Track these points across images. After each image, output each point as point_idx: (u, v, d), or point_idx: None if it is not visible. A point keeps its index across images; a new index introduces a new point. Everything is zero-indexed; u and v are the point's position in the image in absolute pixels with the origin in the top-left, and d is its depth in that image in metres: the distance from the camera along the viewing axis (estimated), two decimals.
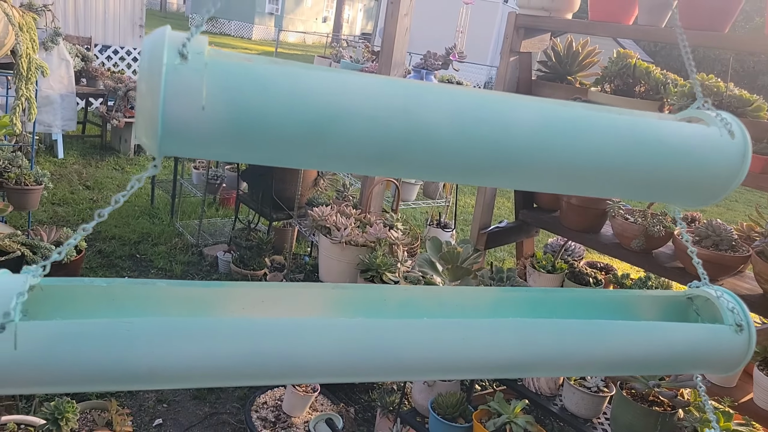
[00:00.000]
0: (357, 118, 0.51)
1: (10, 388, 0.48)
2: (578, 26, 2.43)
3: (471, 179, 0.57)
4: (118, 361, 0.49)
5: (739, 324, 0.75)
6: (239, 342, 0.52)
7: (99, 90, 6.85)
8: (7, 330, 0.46)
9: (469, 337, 0.60)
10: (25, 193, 3.22)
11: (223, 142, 0.49)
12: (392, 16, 3.05)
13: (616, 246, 2.51)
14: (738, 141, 0.66)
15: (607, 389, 2.16)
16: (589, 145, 0.58)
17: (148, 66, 0.46)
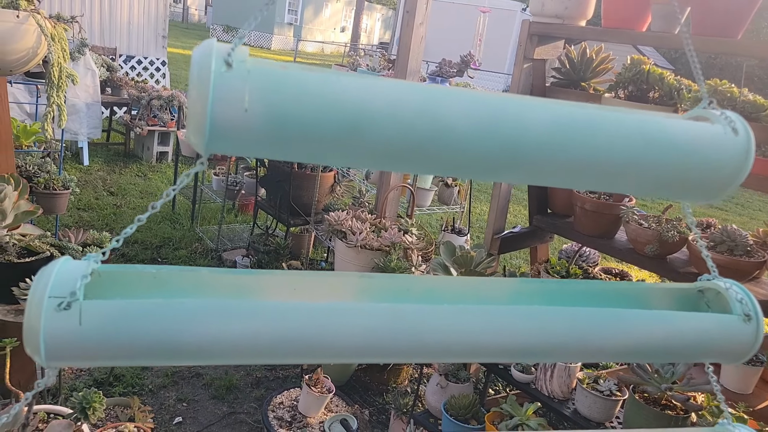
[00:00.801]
0: (383, 119, 0.56)
1: (76, 361, 0.54)
2: (592, 33, 2.47)
3: (489, 176, 0.62)
4: (169, 337, 0.54)
5: (747, 314, 0.79)
6: (276, 322, 0.58)
7: (123, 99, 7.02)
8: (72, 308, 0.52)
9: (487, 322, 0.64)
10: (53, 197, 3.33)
11: (263, 141, 0.55)
12: (408, 25, 3.12)
13: (630, 251, 2.53)
14: (741, 138, 0.70)
15: (619, 393, 2.18)
16: (599, 142, 0.63)
17: (198, 74, 0.52)
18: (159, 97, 6.86)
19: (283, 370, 3.55)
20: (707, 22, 1.95)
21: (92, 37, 7.84)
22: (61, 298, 0.51)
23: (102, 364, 0.54)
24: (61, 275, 0.53)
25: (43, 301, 0.51)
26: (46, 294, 0.51)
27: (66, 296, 0.52)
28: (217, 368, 3.46)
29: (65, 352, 0.52)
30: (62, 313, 0.51)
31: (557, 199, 2.96)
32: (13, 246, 2.42)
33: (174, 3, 34.88)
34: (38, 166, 3.42)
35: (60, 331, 0.51)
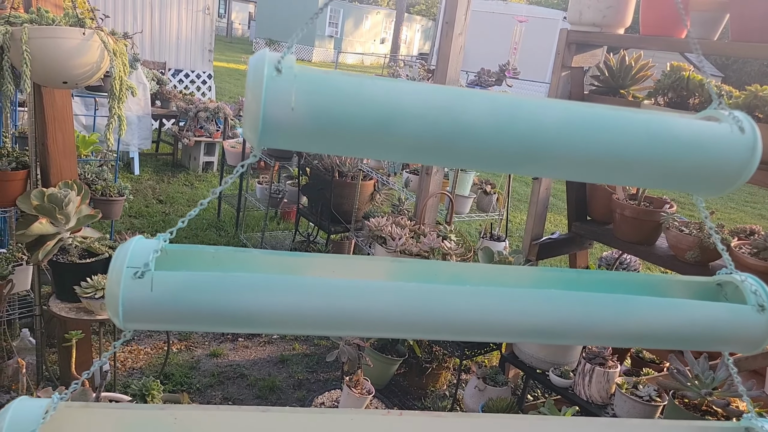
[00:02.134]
0: (411, 117, 0.63)
1: (147, 324, 0.63)
2: (630, 41, 2.48)
3: (507, 168, 0.68)
4: (224, 305, 0.63)
5: (761, 304, 0.82)
6: (315, 296, 0.65)
7: (171, 111, 7.32)
8: (145, 277, 0.61)
9: (506, 302, 0.70)
10: (110, 203, 3.52)
11: (307, 135, 0.63)
12: (447, 36, 3.18)
13: (671, 258, 2.52)
14: (748, 136, 0.74)
15: (659, 399, 2.16)
16: (608, 138, 0.68)
17: (253, 78, 0.61)
18: (206, 109, 7.12)
19: (324, 373, 3.64)
20: (745, 27, 1.95)
21: (143, 53, 8.21)
22: (137, 268, 0.60)
23: (168, 327, 0.63)
24: (136, 250, 0.62)
25: (122, 270, 0.60)
26: (125, 264, 0.60)
27: (141, 267, 0.60)
28: (260, 370, 3.57)
29: (139, 315, 0.61)
30: (137, 281, 0.60)
31: (596, 205, 2.96)
32: (75, 248, 2.59)
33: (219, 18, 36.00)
34: (96, 174, 3.63)
35: (135, 296, 0.60)
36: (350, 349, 2.87)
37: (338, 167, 4.40)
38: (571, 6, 2.55)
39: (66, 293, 2.53)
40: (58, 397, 0.62)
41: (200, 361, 3.57)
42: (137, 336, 3.73)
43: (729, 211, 9.45)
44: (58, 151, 2.65)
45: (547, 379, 2.50)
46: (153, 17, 8.52)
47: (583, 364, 2.37)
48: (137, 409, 0.74)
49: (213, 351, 3.69)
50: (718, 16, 2.10)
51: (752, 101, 1.96)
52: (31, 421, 0.59)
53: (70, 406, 0.64)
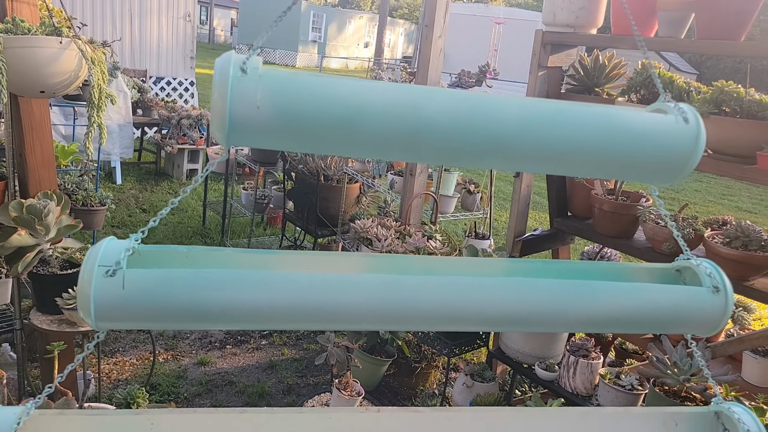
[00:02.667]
0: (376, 114, 0.66)
1: (120, 323, 0.64)
2: (602, 41, 2.53)
3: (468, 162, 0.70)
4: (197, 302, 0.64)
5: (716, 286, 0.85)
6: (288, 291, 0.67)
7: (154, 119, 7.29)
8: (117, 275, 0.62)
9: (474, 291, 0.73)
10: (91, 213, 3.51)
11: (273, 133, 0.65)
12: (427, 39, 3.22)
13: (648, 250, 2.57)
14: (692, 126, 0.78)
15: (641, 387, 2.20)
16: (564, 131, 0.71)
17: (219, 79, 0.63)
18: (188, 116, 7.10)
19: (313, 377, 3.64)
20: (711, 26, 2.00)
21: (123, 60, 8.17)
22: (108, 267, 0.62)
23: (141, 326, 0.64)
24: (108, 249, 0.64)
25: (93, 269, 0.62)
26: (96, 263, 0.62)
27: (112, 265, 0.62)
28: (249, 376, 3.57)
29: (111, 314, 0.63)
30: (108, 279, 0.62)
31: (576, 201, 3.01)
32: (56, 259, 2.58)
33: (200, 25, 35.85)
34: (76, 184, 3.61)
35: (107, 294, 0.62)
36: (339, 351, 2.89)
37: (323, 171, 4.42)
38: (545, 8, 2.60)
39: (47, 305, 2.51)
40: (31, 404, 0.64)
41: (187, 370, 3.56)
42: (122, 347, 3.71)
43: (707, 204, 9.61)
44: (37, 162, 2.64)
45: (533, 373, 2.53)
46: (133, 25, 8.48)
47: (567, 356, 2.41)
48: (113, 415, 0.75)
49: (200, 359, 3.68)
50: (685, 15, 2.16)
51: (719, 96, 2.01)
52: (4, 427, 0.60)
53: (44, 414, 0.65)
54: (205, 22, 38.09)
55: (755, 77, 10.58)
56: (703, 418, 0.97)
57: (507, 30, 12.18)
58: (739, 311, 2.87)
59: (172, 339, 3.85)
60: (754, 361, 2.32)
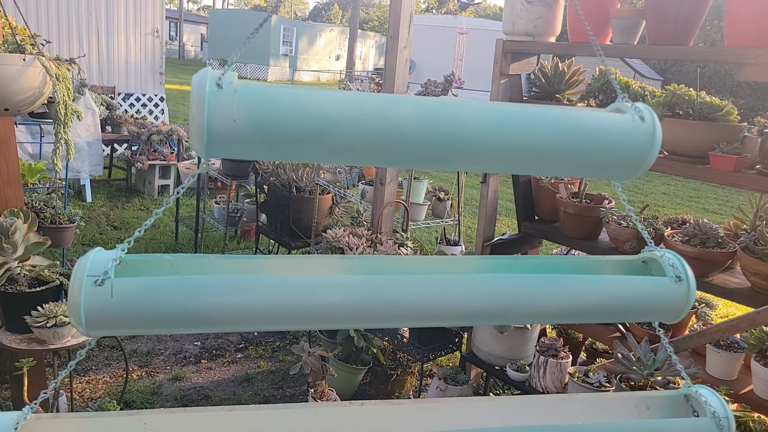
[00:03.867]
0: (344, 122, 0.70)
1: (109, 330, 0.67)
2: (559, 48, 2.63)
3: (434, 165, 0.75)
4: (183, 306, 0.68)
5: (678, 276, 0.91)
6: (270, 293, 0.70)
7: (123, 136, 7.22)
8: (105, 284, 0.65)
9: (445, 288, 0.77)
10: (60, 231, 3.46)
11: (249, 144, 0.69)
12: (392, 49, 3.28)
13: (612, 250, 2.65)
14: (648, 124, 0.83)
15: (608, 384, 2.27)
16: (524, 133, 0.76)
17: (197, 94, 0.67)
18: (159, 132, 7.05)
19: (290, 388, 3.64)
20: (661, 32, 2.10)
21: (91, 77, 8.08)
22: (97, 276, 0.65)
23: (130, 332, 0.67)
24: (96, 260, 0.67)
25: (83, 279, 0.65)
26: (85, 274, 0.65)
27: (100, 275, 0.65)
28: (225, 390, 3.55)
29: (101, 321, 0.66)
30: (97, 289, 0.65)
31: (543, 205, 3.09)
32: (24, 276, 2.55)
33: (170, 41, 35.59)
34: (44, 202, 3.56)
35: (96, 302, 0.65)
36: (313, 360, 2.90)
37: (295, 183, 4.44)
38: (504, 18, 2.68)
39: (16, 324, 2.47)
40: (28, 408, 0.66)
41: (162, 386, 3.52)
42: (95, 365, 3.66)
43: (674, 206, 9.86)
44: (2, 180, 2.62)
45: (505, 375, 2.58)
46: (100, 42, 8.41)
47: (537, 356, 2.46)
48: (107, 417, 0.77)
49: (175, 375, 3.64)
50: (636, 22, 2.26)
51: (672, 99, 2.11)
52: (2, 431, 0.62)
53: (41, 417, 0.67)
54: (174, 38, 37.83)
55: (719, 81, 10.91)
56: (673, 401, 1.03)
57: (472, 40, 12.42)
58: (701, 307, 2.97)
59: (146, 355, 3.81)
60: (717, 354, 2.41)
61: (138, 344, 3.92)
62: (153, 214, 0.75)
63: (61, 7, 7.94)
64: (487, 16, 38.01)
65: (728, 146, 2.01)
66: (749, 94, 19.24)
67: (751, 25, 1.86)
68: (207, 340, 4.09)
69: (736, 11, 1.92)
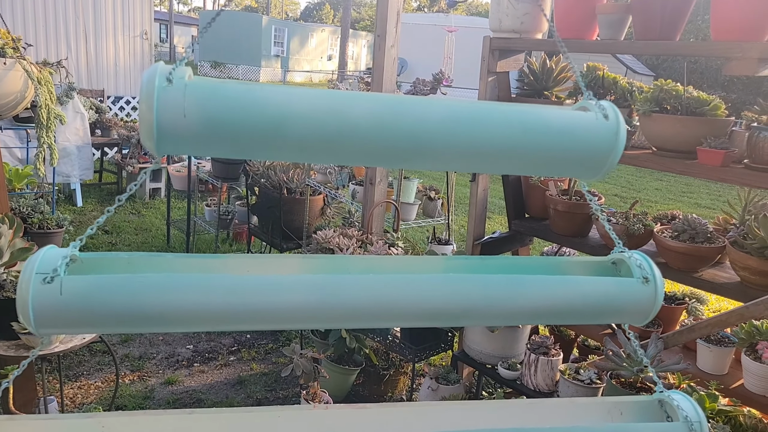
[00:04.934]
0: (300, 119, 0.68)
1: (60, 328, 0.65)
2: (546, 45, 2.62)
3: (394, 163, 0.73)
4: (135, 305, 0.66)
5: (646, 277, 0.89)
6: (225, 293, 0.68)
7: (113, 139, 7.18)
8: (54, 282, 0.63)
9: (407, 288, 0.75)
10: (48, 236, 3.43)
11: (201, 141, 0.67)
12: (380, 49, 3.27)
13: (602, 247, 2.64)
14: (611, 122, 0.82)
15: (599, 381, 2.26)
16: (486, 131, 0.74)
17: (146, 89, 0.65)
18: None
19: (283, 391, 3.62)
20: (647, 27, 2.09)
21: (79, 81, 8.03)
22: (46, 274, 0.63)
23: (81, 331, 0.65)
24: (46, 257, 0.65)
25: (31, 276, 0.63)
26: (34, 271, 0.63)
27: (50, 272, 0.63)
28: (218, 393, 3.53)
29: (50, 320, 0.64)
30: (46, 286, 0.63)
31: (533, 203, 3.08)
32: (11, 283, 2.51)
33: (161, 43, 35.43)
34: (31, 207, 3.53)
35: (45, 300, 0.63)
36: (305, 361, 2.88)
37: (286, 184, 4.41)
38: (491, 15, 2.67)
39: (3, 331, 2.44)
40: None
41: (154, 390, 3.50)
42: (86, 370, 3.63)
43: (667, 202, 9.89)
44: None
45: (496, 374, 2.57)
46: (88, 45, 8.35)
47: (528, 355, 2.45)
48: (64, 419, 0.75)
49: (168, 379, 3.62)
50: (623, 18, 2.25)
51: (659, 95, 2.10)
52: None
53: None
54: (165, 40, 37.66)
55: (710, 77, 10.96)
56: (647, 406, 1.01)
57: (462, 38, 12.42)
58: (692, 303, 2.97)
59: (138, 360, 3.79)
60: (707, 349, 2.40)
61: (130, 348, 3.89)
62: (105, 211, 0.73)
63: (48, 10, 7.88)
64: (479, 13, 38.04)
65: (716, 141, 2.01)
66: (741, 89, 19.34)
67: (737, 19, 1.86)
68: (199, 344, 4.07)
69: (722, 6, 1.91)
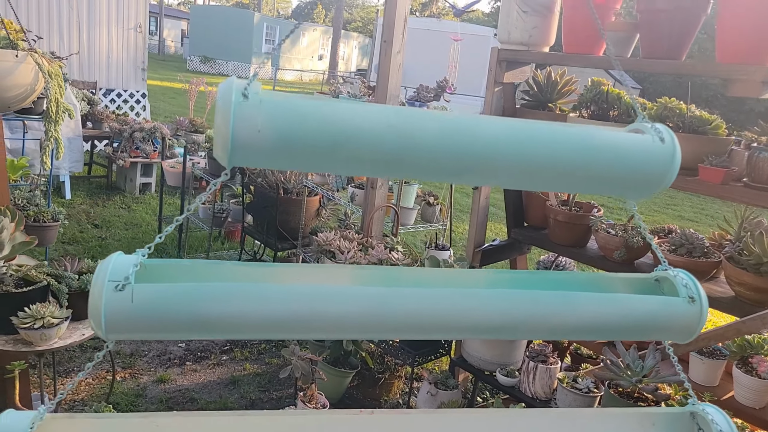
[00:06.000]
0: (363, 134, 0.71)
1: (128, 334, 0.67)
2: (554, 58, 2.67)
3: (450, 178, 0.76)
4: (201, 313, 0.68)
5: (692, 296, 0.93)
6: (284, 302, 0.71)
7: (104, 132, 7.11)
8: (126, 290, 0.65)
9: (465, 302, 0.78)
10: (44, 229, 3.40)
11: (273, 154, 0.69)
12: (386, 54, 3.30)
13: (600, 258, 2.70)
14: (668, 145, 0.85)
15: (597, 390, 2.31)
16: (540, 148, 0.78)
17: (222, 104, 0.67)
18: (141, 129, 6.96)
19: (276, 391, 3.62)
20: (654, 46, 2.15)
21: (72, 72, 7.94)
22: (117, 282, 0.65)
23: (148, 336, 0.67)
24: (117, 265, 0.67)
25: (104, 284, 0.64)
26: (106, 278, 0.65)
27: (121, 280, 0.65)
28: (211, 393, 3.52)
29: (120, 326, 0.65)
30: (118, 294, 0.64)
31: (532, 212, 3.13)
32: (11, 277, 2.50)
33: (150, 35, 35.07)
34: (27, 199, 3.50)
35: (116, 307, 0.65)
36: (303, 363, 2.89)
37: (283, 184, 4.42)
38: (500, 27, 2.71)
39: (2, 325, 2.42)
40: (44, 408, 0.65)
41: (147, 388, 3.48)
42: (77, 366, 3.60)
43: (651, 213, 10.06)
44: None
45: (494, 380, 2.61)
46: (81, 36, 8.26)
47: (527, 362, 2.49)
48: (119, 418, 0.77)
49: (160, 377, 3.60)
50: (630, 36, 2.31)
51: (663, 112, 2.16)
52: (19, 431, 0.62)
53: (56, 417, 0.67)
54: (154, 33, 37.32)
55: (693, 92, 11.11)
56: (679, 418, 1.03)
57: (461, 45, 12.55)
58: None
59: (129, 357, 3.76)
60: (700, 361, 2.47)
61: (121, 346, 3.86)
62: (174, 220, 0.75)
63: (41, 0, 7.79)
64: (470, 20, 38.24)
65: (717, 159, 2.07)
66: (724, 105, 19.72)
67: (742, 43, 1.92)
68: (191, 342, 4.05)
69: (727, 28, 1.97)
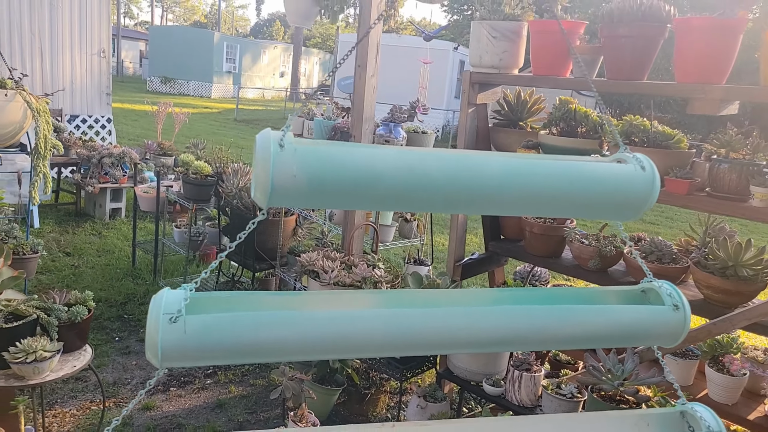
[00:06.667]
0: (384, 176, 0.80)
1: (181, 362, 0.74)
2: (524, 80, 2.82)
3: (459, 210, 0.86)
4: (245, 340, 0.75)
5: (676, 304, 1.04)
6: (318, 327, 0.79)
7: (71, 159, 7.01)
8: (178, 321, 0.72)
9: (472, 319, 0.87)
10: (24, 261, 3.37)
11: (307, 196, 0.78)
12: (360, 78, 3.40)
13: (575, 267, 2.83)
14: (648, 173, 0.97)
15: (580, 395, 2.43)
16: (538, 182, 0.88)
17: (261, 154, 0.75)
18: (110, 155, 6.90)
19: (263, 413, 3.64)
20: (617, 68, 2.31)
21: None
22: (171, 314, 0.72)
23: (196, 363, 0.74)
24: (168, 299, 0.74)
25: (159, 317, 0.72)
26: (161, 312, 0.72)
27: (174, 313, 0.72)
28: (198, 417, 3.52)
29: (174, 355, 0.73)
30: (172, 325, 0.72)
31: (508, 226, 3.26)
32: (0, 312, 2.49)
33: None
34: (5, 232, 3.46)
35: (171, 338, 0.72)
36: (293, 384, 2.94)
37: (259, 205, 4.46)
38: (471, 51, 2.85)
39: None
40: None
41: (132, 417, 3.46)
42: (60, 398, 3.55)
43: None
44: None
45: (481, 390, 2.71)
46: (44, 62, 8.15)
47: (511, 371, 2.60)
48: None
49: (145, 404, 3.58)
50: (595, 58, 2.47)
51: (628, 129, 2.31)
52: None
53: None
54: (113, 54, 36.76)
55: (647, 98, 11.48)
56: (670, 417, 1.12)
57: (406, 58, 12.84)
58: None
59: (112, 386, 3.73)
60: (674, 362, 2.62)
61: (103, 374, 3.83)
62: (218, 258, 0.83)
63: (2, 26, 7.67)
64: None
65: (681, 171, 2.22)
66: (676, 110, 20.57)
67: (700, 64, 2.09)
68: (174, 367, 4.04)
69: (685, 51, 2.14)
